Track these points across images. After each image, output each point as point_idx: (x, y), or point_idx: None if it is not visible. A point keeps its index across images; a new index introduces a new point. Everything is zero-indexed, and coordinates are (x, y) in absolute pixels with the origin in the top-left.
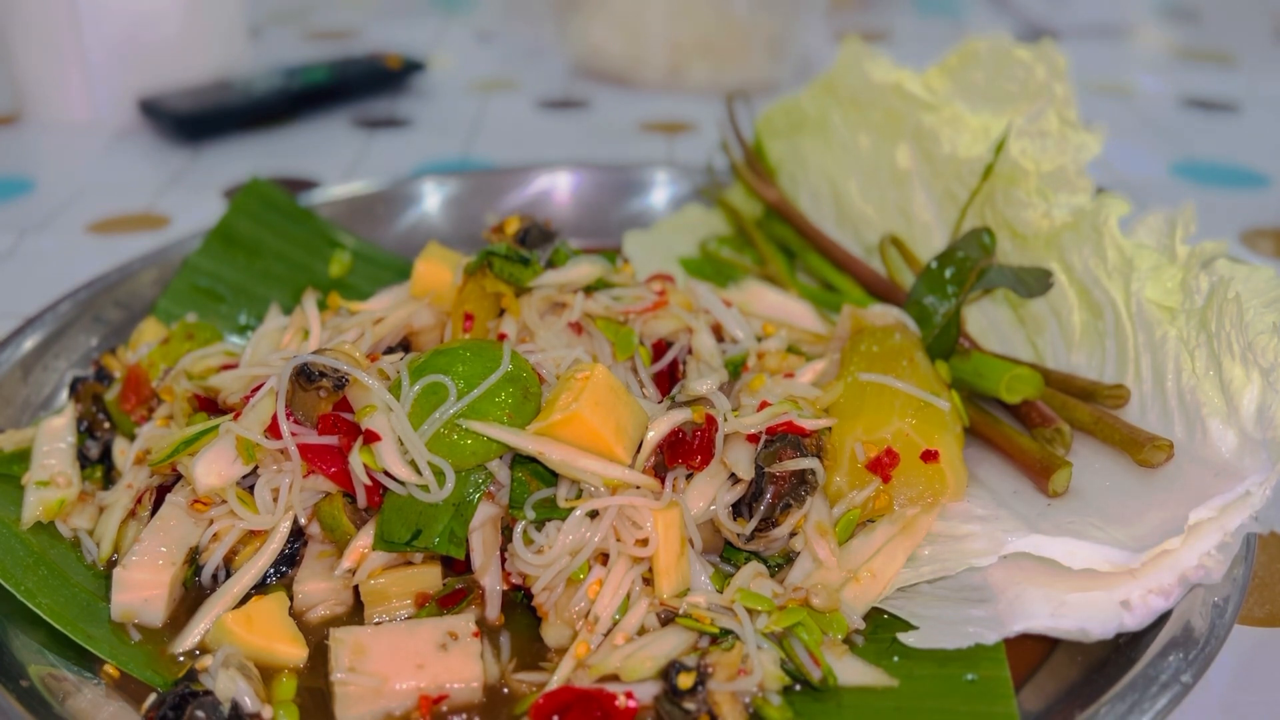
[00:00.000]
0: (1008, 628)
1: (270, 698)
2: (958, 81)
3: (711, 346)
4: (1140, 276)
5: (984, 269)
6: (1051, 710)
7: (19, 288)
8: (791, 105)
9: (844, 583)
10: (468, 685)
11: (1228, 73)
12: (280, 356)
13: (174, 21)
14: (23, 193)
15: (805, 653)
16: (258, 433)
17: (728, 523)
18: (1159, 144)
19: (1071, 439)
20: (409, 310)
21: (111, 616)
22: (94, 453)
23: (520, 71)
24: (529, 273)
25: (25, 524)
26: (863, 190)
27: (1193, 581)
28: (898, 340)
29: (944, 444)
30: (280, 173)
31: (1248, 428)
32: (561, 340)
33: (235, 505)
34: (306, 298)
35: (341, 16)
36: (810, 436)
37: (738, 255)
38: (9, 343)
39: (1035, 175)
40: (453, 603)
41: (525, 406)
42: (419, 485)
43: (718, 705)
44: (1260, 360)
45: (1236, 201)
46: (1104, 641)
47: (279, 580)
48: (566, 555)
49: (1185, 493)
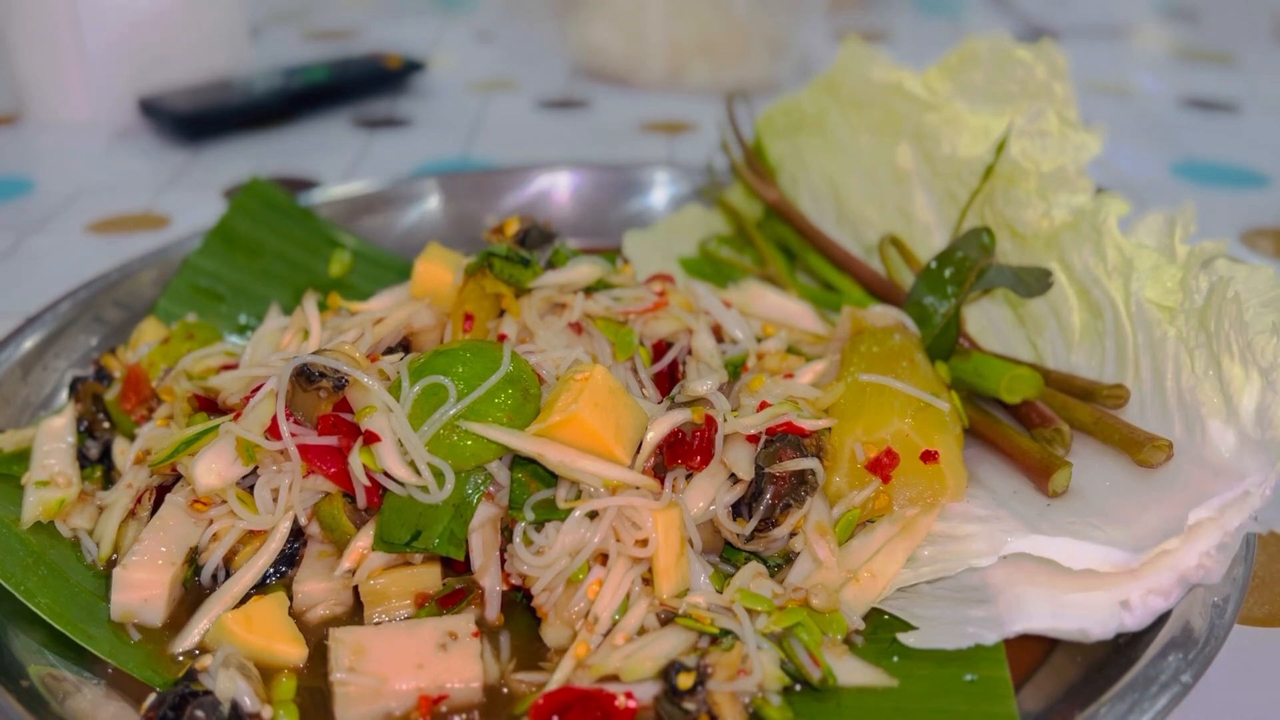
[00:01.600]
0: (1007, 628)
1: (270, 698)
2: (958, 81)
3: (711, 347)
4: (1140, 276)
5: (984, 269)
6: (1051, 710)
7: (19, 288)
8: (791, 105)
9: (844, 583)
10: (468, 685)
11: (1228, 73)
12: (280, 357)
13: (174, 21)
14: (22, 193)
15: (805, 653)
16: (258, 433)
17: (727, 523)
18: (1159, 144)
19: (1071, 439)
20: (409, 311)
21: (111, 616)
22: (94, 453)
23: (520, 71)
24: (529, 273)
25: (25, 524)
26: (863, 190)
27: (1192, 581)
28: (897, 341)
29: (944, 444)
30: (280, 173)
31: (1247, 427)
32: (561, 341)
33: (235, 505)
34: (307, 298)
35: (341, 16)
36: (810, 437)
37: (737, 255)
38: (9, 343)
39: (1035, 175)
40: (452, 603)
41: (525, 408)
42: (418, 486)
43: (717, 705)
44: (1260, 360)
45: (1236, 201)
46: (1104, 641)
47: (278, 580)
48: (566, 556)
49: (1185, 493)
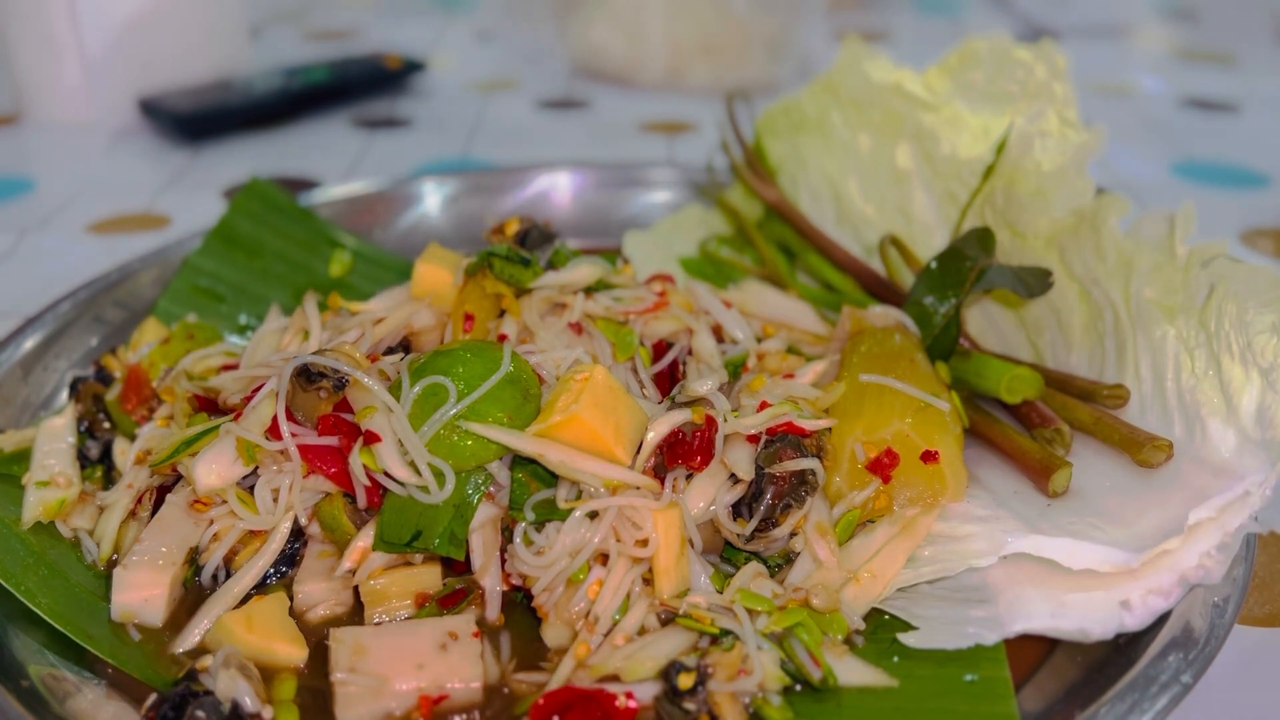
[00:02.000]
0: (1007, 628)
1: (271, 698)
2: (958, 81)
3: (711, 347)
4: (1140, 276)
5: (984, 269)
6: (1051, 710)
7: (19, 288)
8: (791, 105)
9: (844, 583)
10: (468, 685)
11: (1228, 73)
12: (280, 357)
13: (174, 21)
14: (23, 193)
15: (805, 653)
16: (258, 433)
17: (728, 523)
18: (1159, 144)
19: (1071, 439)
20: (409, 311)
21: (112, 616)
22: (94, 453)
23: (520, 71)
24: (529, 274)
25: (25, 524)
26: (863, 190)
27: (1193, 582)
28: (898, 342)
29: (944, 445)
30: (280, 173)
31: (1247, 427)
32: (562, 341)
33: (235, 505)
34: (307, 299)
35: (341, 16)
36: (810, 437)
37: (737, 255)
38: (9, 343)
39: (1035, 175)
40: (453, 603)
41: (525, 408)
42: (419, 486)
43: (718, 705)
44: (1260, 360)
45: (1236, 201)
46: (1104, 641)
47: (279, 580)
48: (566, 556)
49: (1185, 493)
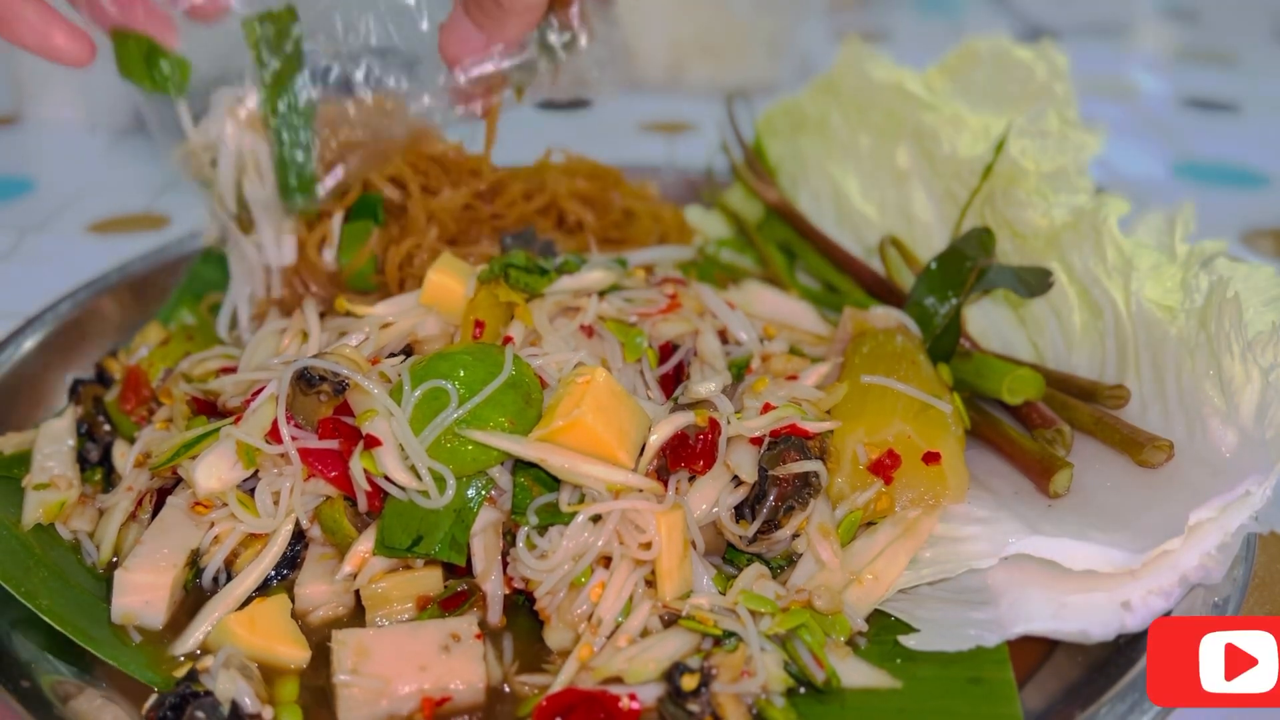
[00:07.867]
0: (1009, 630)
1: (273, 699)
2: (958, 81)
3: (716, 348)
4: (1140, 276)
5: (984, 269)
6: (1052, 710)
7: (19, 288)
8: (791, 105)
9: (846, 585)
10: (471, 687)
11: (1228, 73)
12: (280, 360)
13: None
14: (23, 193)
15: (808, 654)
16: (258, 437)
17: (730, 525)
18: (1159, 144)
19: (1072, 440)
20: (416, 318)
21: (112, 618)
22: (94, 455)
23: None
24: (545, 281)
25: (25, 526)
26: (863, 190)
27: (1193, 582)
28: (899, 343)
29: (945, 446)
30: None
31: (1248, 427)
32: (568, 344)
33: (236, 508)
34: (307, 302)
35: None
36: (814, 439)
37: (738, 256)
38: (9, 343)
39: (1035, 175)
40: (454, 605)
41: (527, 413)
42: (420, 491)
43: (721, 707)
44: (1260, 360)
45: (1236, 201)
46: (1104, 642)
47: (280, 582)
48: (570, 560)
49: (1185, 493)
